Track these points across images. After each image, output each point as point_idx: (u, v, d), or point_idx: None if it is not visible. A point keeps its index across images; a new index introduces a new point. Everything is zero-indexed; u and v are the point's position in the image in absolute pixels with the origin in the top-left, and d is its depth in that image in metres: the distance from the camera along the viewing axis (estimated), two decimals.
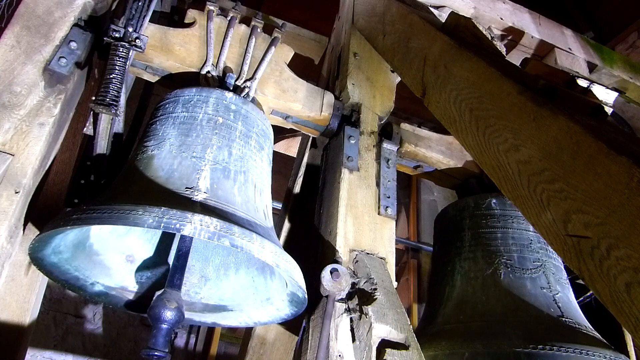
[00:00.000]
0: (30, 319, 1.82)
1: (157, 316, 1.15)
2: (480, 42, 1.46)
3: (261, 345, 2.07)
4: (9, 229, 1.20)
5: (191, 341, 4.47)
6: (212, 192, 1.23)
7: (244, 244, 1.07)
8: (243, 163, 1.38)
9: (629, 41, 4.88)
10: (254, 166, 1.42)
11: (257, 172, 1.43)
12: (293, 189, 2.18)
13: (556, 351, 1.44)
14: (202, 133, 1.36)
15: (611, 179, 0.77)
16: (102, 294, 1.46)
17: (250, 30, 1.80)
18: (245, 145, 1.42)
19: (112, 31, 1.37)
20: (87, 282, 1.43)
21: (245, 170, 1.37)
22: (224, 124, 1.41)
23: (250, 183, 1.37)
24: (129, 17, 1.40)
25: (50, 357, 3.80)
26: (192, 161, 1.28)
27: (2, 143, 1.25)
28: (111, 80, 1.40)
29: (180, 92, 1.49)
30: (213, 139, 1.36)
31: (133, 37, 1.39)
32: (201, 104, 1.43)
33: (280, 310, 1.42)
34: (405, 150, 1.95)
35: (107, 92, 1.38)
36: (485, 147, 1.14)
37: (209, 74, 1.65)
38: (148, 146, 1.37)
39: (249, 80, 1.70)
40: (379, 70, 1.97)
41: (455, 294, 1.80)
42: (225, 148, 1.36)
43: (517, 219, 1.87)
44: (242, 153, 1.40)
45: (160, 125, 1.42)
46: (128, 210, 1.02)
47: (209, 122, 1.39)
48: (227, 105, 1.46)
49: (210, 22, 1.72)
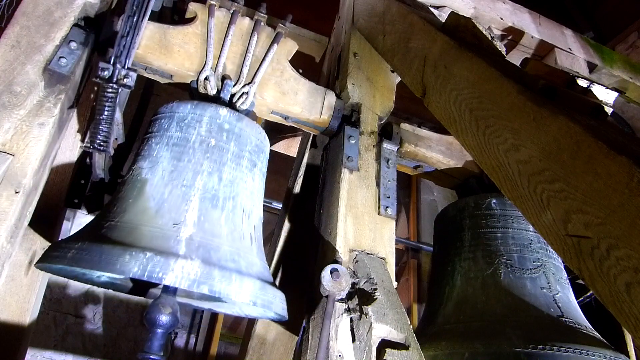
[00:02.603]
0: (30, 319, 1.82)
1: (152, 321, 1.24)
2: (480, 42, 1.46)
3: (261, 345, 2.07)
4: (9, 229, 1.20)
5: (191, 341, 4.47)
6: (199, 226, 1.29)
7: (222, 288, 1.15)
8: (233, 188, 1.43)
9: (629, 41, 4.88)
10: (243, 188, 1.47)
11: (246, 194, 1.48)
12: (293, 189, 2.18)
13: (556, 351, 1.44)
14: (193, 157, 1.40)
15: (611, 179, 0.77)
16: (108, 283, 1.59)
17: (253, 24, 1.76)
18: (236, 168, 1.47)
19: (101, 70, 1.38)
20: (94, 276, 1.54)
21: (235, 196, 1.43)
22: (217, 146, 1.44)
23: (238, 208, 1.42)
24: (117, 54, 1.39)
25: (50, 357, 3.80)
26: (182, 190, 1.34)
27: (2, 143, 1.25)
28: (101, 121, 1.45)
29: (176, 107, 1.50)
30: (204, 164, 1.40)
31: (122, 75, 1.40)
32: (195, 124, 1.46)
33: (266, 313, 1.46)
34: (405, 150, 1.95)
35: (97, 134, 1.43)
36: (485, 147, 1.14)
37: (207, 81, 1.63)
38: (142, 168, 1.41)
39: (248, 85, 1.68)
40: (379, 70, 1.97)
41: (455, 294, 1.80)
42: (215, 173, 1.41)
43: (517, 219, 1.87)
44: (233, 177, 1.44)
45: (154, 143, 1.45)
46: (116, 256, 1.11)
47: (201, 144, 1.43)
48: (221, 124, 1.48)
49: (211, 19, 1.68)
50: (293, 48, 1.84)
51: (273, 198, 4.43)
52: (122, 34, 1.39)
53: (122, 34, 1.39)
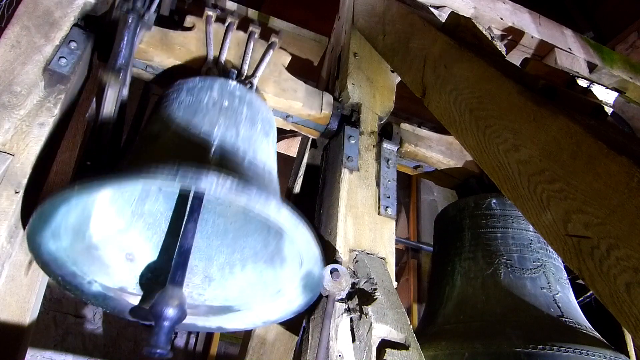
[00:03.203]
0: (30, 319, 1.82)
1: (158, 314, 1.12)
2: (480, 42, 1.46)
3: (261, 345, 2.07)
4: (9, 229, 1.21)
5: (191, 341, 4.47)
6: (224, 164, 1.21)
7: (261, 202, 1.01)
8: (251, 143, 1.36)
9: (629, 41, 4.88)
10: (261, 148, 1.40)
11: (265, 154, 1.40)
12: (293, 189, 2.18)
13: (556, 351, 1.45)
14: (208, 114, 1.35)
15: (611, 179, 0.77)
16: (100, 295, 1.36)
17: (247, 35, 1.81)
18: (251, 129, 1.41)
19: (122, 3, 1.37)
20: (85, 280, 1.33)
21: (254, 150, 1.36)
22: (230, 107, 1.40)
23: (259, 162, 1.34)
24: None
25: (50, 357, 3.80)
26: (201, 138, 1.26)
27: (2, 143, 1.25)
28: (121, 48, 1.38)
29: (184, 80, 1.49)
30: (220, 119, 1.35)
31: (142, 11, 1.39)
32: (206, 89, 1.43)
33: (292, 302, 1.36)
34: (405, 150, 1.95)
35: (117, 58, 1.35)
36: (485, 147, 1.14)
37: (210, 71, 1.66)
38: (153, 128, 1.36)
39: (250, 78, 1.72)
40: (379, 70, 1.97)
41: (455, 294, 1.80)
42: (232, 128, 1.34)
43: (517, 219, 1.87)
44: (249, 135, 1.38)
45: (165, 110, 1.40)
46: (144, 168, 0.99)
47: (214, 105, 1.38)
48: (232, 91, 1.46)
49: (209, 26, 1.74)
50: (286, 59, 1.87)
51: None
52: None
53: None
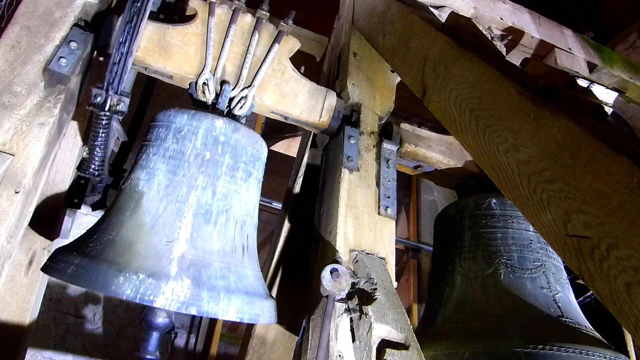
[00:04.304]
0: (30, 319, 1.82)
1: (148, 324, 1.35)
2: (480, 42, 1.46)
3: (261, 345, 2.07)
4: (9, 229, 1.21)
5: (191, 341, 4.47)
6: (191, 243, 1.34)
7: (210, 309, 1.24)
8: (226, 201, 1.46)
9: (629, 41, 4.88)
10: (237, 200, 1.49)
11: (240, 206, 1.50)
12: (293, 189, 2.18)
13: (556, 351, 1.45)
14: (188, 172, 1.43)
15: (611, 179, 0.77)
16: None
17: (255, 22, 1.73)
18: (230, 181, 1.49)
19: (94, 97, 1.40)
20: None
21: (228, 209, 1.46)
22: (211, 159, 1.47)
23: (231, 221, 1.46)
24: (109, 80, 1.40)
25: (50, 357, 3.80)
26: (177, 206, 1.37)
27: (2, 143, 1.25)
28: (95, 147, 1.57)
29: (173, 116, 1.51)
30: (199, 178, 1.43)
31: (114, 102, 1.42)
32: (190, 136, 1.48)
33: None
34: (405, 150, 1.95)
35: (93, 160, 1.55)
36: (485, 147, 1.14)
37: (206, 86, 1.63)
38: (139, 179, 1.43)
39: (247, 89, 1.67)
40: (379, 70, 1.97)
41: (455, 294, 1.80)
42: (209, 188, 1.44)
43: (517, 219, 1.87)
44: (227, 190, 1.47)
45: (152, 154, 1.48)
46: (111, 277, 1.19)
47: (196, 158, 1.45)
48: (216, 137, 1.50)
49: (211, 17, 1.65)
50: (295, 45, 1.81)
51: (273, 198, 4.43)
52: (113, 60, 1.39)
53: (113, 60, 1.39)
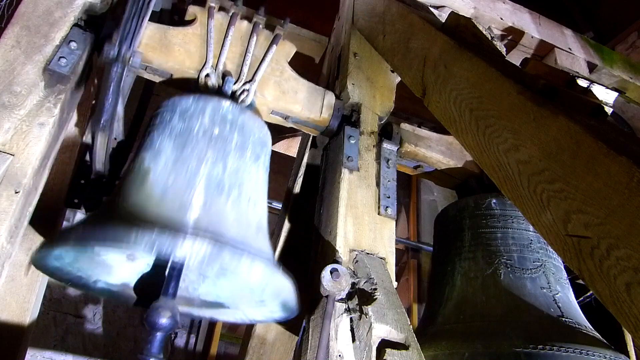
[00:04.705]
0: (30, 319, 1.82)
1: (151, 324, 1.25)
2: (480, 42, 1.46)
3: (261, 345, 2.07)
4: (9, 229, 1.20)
5: (191, 341, 4.47)
6: (205, 211, 1.27)
7: (234, 266, 1.14)
8: (237, 176, 1.40)
9: (629, 41, 4.88)
10: (248, 179, 1.44)
11: (251, 185, 1.45)
12: (293, 189, 2.18)
13: (556, 351, 1.45)
14: (197, 147, 1.38)
15: (611, 179, 0.77)
16: (105, 290, 1.50)
17: (252, 26, 1.77)
18: (240, 158, 1.45)
19: (107, 51, 1.36)
20: (90, 281, 1.46)
21: (240, 184, 1.40)
22: (220, 136, 1.43)
23: (244, 197, 1.40)
24: (122, 35, 1.38)
25: (50, 357, 3.80)
26: (187, 177, 1.32)
27: (2, 143, 1.25)
28: (105, 102, 1.43)
29: (178, 100, 1.49)
30: (208, 152, 1.38)
31: (127, 57, 1.38)
32: (197, 115, 1.44)
33: (273, 313, 1.44)
34: (405, 150, 1.95)
35: (102, 113, 1.41)
36: (485, 147, 1.14)
37: (208, 78, 1.64)
38: (144, 158, 1.39)
39: (248, 83, 1.69)
40: (379, 70, 1.97)
41: (455, 294, 1.80)
42: (220, 162, 1.38)
43: (517, 219, 1.87)
44: (237, 166, 1.42)
45: (157, 135, 1.43)
46: (122, 232, 1.08)
47: (204, 134, 1.41)
48: (224, 115, 1.47)
49: (211, 20, 1.70)
50: (291, 50, 1.85)
51: (273, 198, 4.41)
52: (127, 16, 1.37)
53: (127, 16, 1.37)
